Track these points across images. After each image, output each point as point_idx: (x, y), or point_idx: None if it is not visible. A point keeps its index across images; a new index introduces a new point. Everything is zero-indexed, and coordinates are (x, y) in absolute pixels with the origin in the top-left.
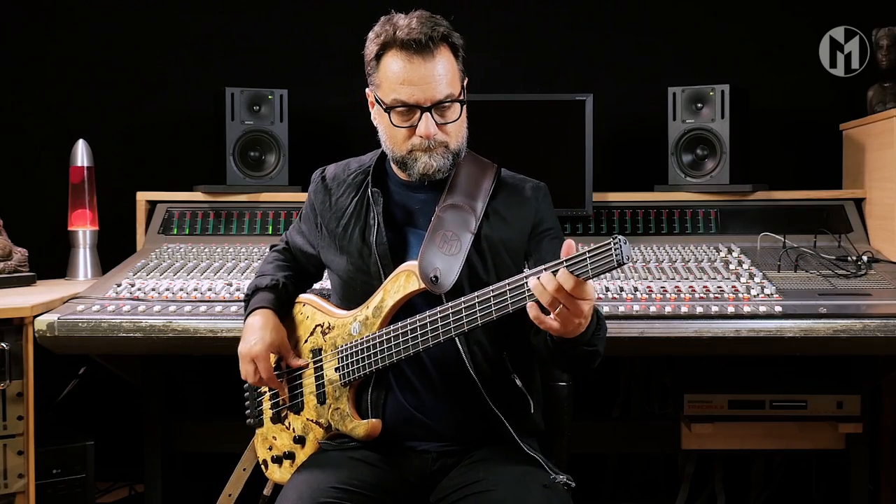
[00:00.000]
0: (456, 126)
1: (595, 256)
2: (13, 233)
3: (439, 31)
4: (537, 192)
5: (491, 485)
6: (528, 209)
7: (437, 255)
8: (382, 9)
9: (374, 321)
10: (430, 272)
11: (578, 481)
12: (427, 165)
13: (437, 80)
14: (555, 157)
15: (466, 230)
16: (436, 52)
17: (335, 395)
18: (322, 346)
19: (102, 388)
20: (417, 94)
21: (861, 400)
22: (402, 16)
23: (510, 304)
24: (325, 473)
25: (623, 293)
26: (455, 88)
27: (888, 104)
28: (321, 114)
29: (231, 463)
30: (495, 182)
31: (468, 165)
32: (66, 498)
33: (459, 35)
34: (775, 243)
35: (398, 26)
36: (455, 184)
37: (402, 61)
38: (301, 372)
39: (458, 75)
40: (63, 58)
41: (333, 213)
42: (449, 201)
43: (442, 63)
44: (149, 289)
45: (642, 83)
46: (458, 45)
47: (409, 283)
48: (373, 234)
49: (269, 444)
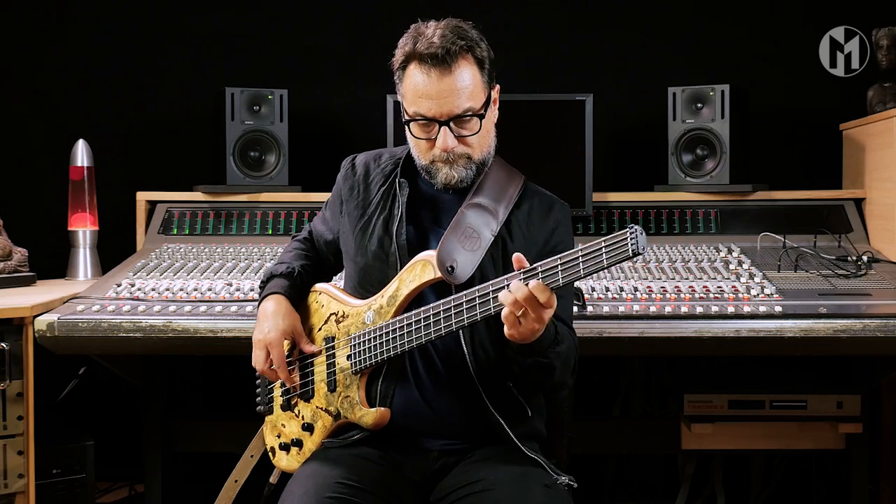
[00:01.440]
0: (478, 137)
1: (610, 246)
2: (13, 233)
3: (459, 45)
4: (560, 212)
5: (491, 484)
6: (547, 227)
7: (456, 247)
8: (382, 9)
9: (388, 310)
10: (448, 262)
11: (578, 481)
12: (448, 176)
13: (455, 94)
14: (555, 157)
15: (487, 230)
16: (455, 65)
17: (346, 384)
18: (335, 334)
19: (102, 388)
20: (435, 108)
21: (861, 400)
22: (430, 24)
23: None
24: (330, 469)
25: (623, 293)
26: (476, 101)
27: (888, 104)
28: (321, 114)
29: (231, 463)
30: (521, 192)
31: (497, 171)
32: (66, 498)
33: (486, 46)
34: (775, 243)
35: (420, 38)
36: (482, 186)
37: (422, 74)
38: (313, 359)
39: (482, 87)
40: (63, 58)
41: (360, 200)
42: (474, 200)
43: (461, 77)
44: (149, 289)
45: (642, 83)
46: (483, 57)
47: (424, 272)
48: (395, 224)
49: (277, 431)
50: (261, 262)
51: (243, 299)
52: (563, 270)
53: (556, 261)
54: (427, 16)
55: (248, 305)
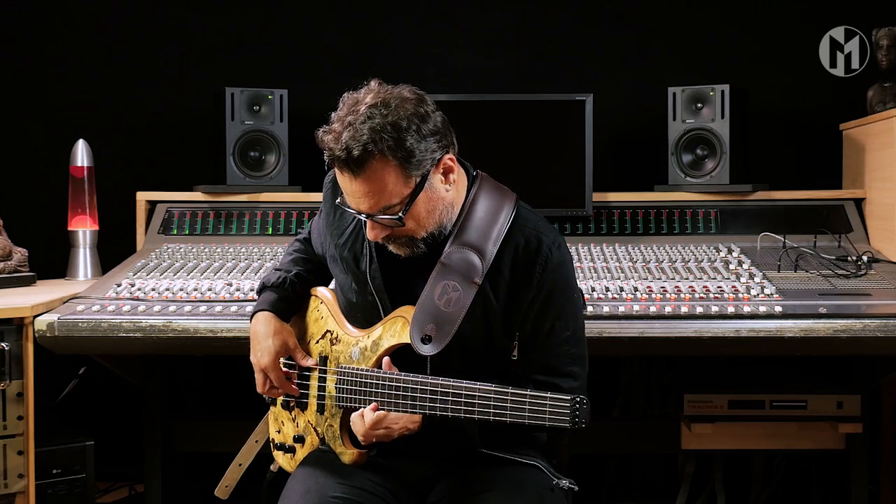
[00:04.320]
0: (412, 221)
1: (554, 408)
2: (13, 233)
3: (367, 150)
4: (548, 258)
5: (487, 486)
6: (530, 280)
7: (434, 309)
8: (382, 9)
9: (370, 356)
10: (425, 330)
11: (578, 481)
12: (399, 251)
13: (369, 195)
14: (555, 157)
15: (470, 282)
16: (366, 167)
17: (332, 412)
18: (329, 354)
19: (102, 388)
20: (353, 203)
21: (861, 400)
22: (357, 107)
23: (503, 413)
24: (330, 470)
25: (623, 293)
26: (395, 197)
27: (888, 104)
28: (321, 114)
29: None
30: (511, 221)
31: (484, 198)
32: (66, 498)
33: (417, 128)
34: (775, 243)
35: (335, 139)
36: (468, 219)
37: (339, 171)
38: (310, 374)
39: (403, 181)
40: (63, 58)
41: (336, 226)
42: (460, 238)
43: (374, 178)
44: (149, 289)
45: (642, 83)
46: (406, 149)
47: (403, 332)
48: (367, 266)
49: (278, 426)
50: (261, 262)
51: (243, 299)
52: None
53: None
54: (427, 15)
55: (247, 305)
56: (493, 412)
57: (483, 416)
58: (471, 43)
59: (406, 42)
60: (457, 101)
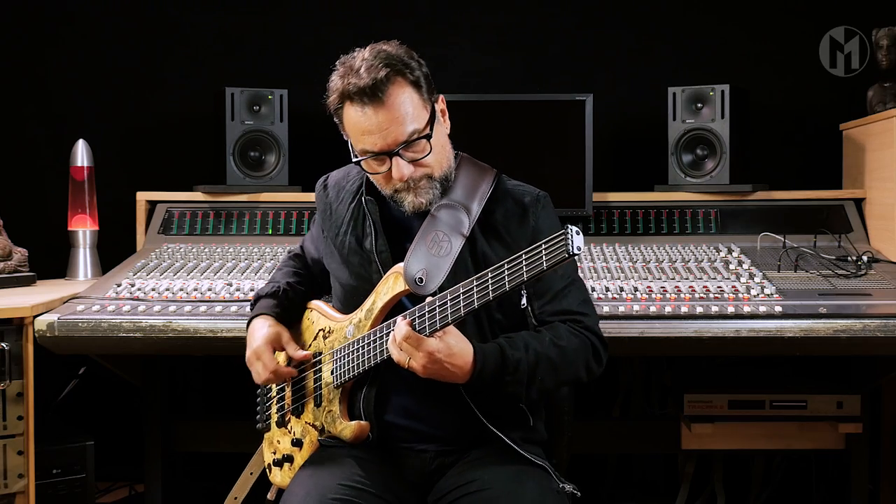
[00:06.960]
0: (433, 156)
1: (550, 246)
2: (13, 233)
3: (386, 72)
4: (536, 206)
5: (486, 483)
6: (526, 225)
7: (425, 255)
8: (381, 9)
9: (365, 323)
10: (416, 273)
11: (579, 481)
12: (415, 204)
13: (395, 122)
14: (555, 157)
15: (458, 233)
16: (388, 93)
17: (329, 398)
18: (322, 349)
19: (102, 388)
20: (380, 141)
21: (861, 400)
22: (355, 56)
23: (491, 292)
24: (331, 471)
25: (623, 293)
26: (420, 122)
27: (888, 104)
28: (321, 114)
29: (232, 463)
30: (493, 186)
31: (466, 168)
32: (66, 498)
33: (418, 62)
34: (775, 243)
35: (347, 75)
36: (452, 186)
37: (358, 111)
38: (304, 375)
39: (422, 106)
40: (63, 58)
41: (333, 221)
42: (444, 200)
43: (398, 103)
44: (149, 289)
45: (642, 83)
46: (417, 76)
47: (396, 284)
48: (372, 243)
49: (273, 447)
50: (261, 262)
51: (243, 299)
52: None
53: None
54: (427, 15)
55: (247, 305)
56: (502, 280)
57: (498, 284)
58: (471, 43)
59: (406, 42)
60: (457, 100)
